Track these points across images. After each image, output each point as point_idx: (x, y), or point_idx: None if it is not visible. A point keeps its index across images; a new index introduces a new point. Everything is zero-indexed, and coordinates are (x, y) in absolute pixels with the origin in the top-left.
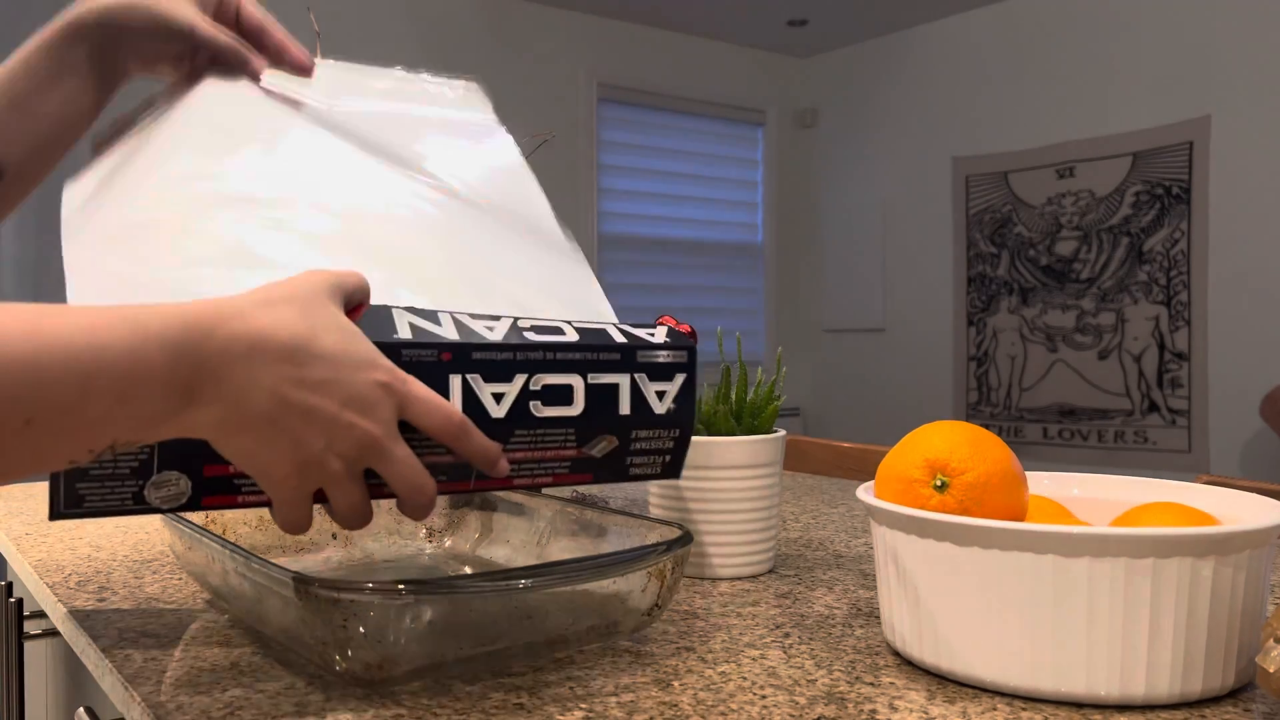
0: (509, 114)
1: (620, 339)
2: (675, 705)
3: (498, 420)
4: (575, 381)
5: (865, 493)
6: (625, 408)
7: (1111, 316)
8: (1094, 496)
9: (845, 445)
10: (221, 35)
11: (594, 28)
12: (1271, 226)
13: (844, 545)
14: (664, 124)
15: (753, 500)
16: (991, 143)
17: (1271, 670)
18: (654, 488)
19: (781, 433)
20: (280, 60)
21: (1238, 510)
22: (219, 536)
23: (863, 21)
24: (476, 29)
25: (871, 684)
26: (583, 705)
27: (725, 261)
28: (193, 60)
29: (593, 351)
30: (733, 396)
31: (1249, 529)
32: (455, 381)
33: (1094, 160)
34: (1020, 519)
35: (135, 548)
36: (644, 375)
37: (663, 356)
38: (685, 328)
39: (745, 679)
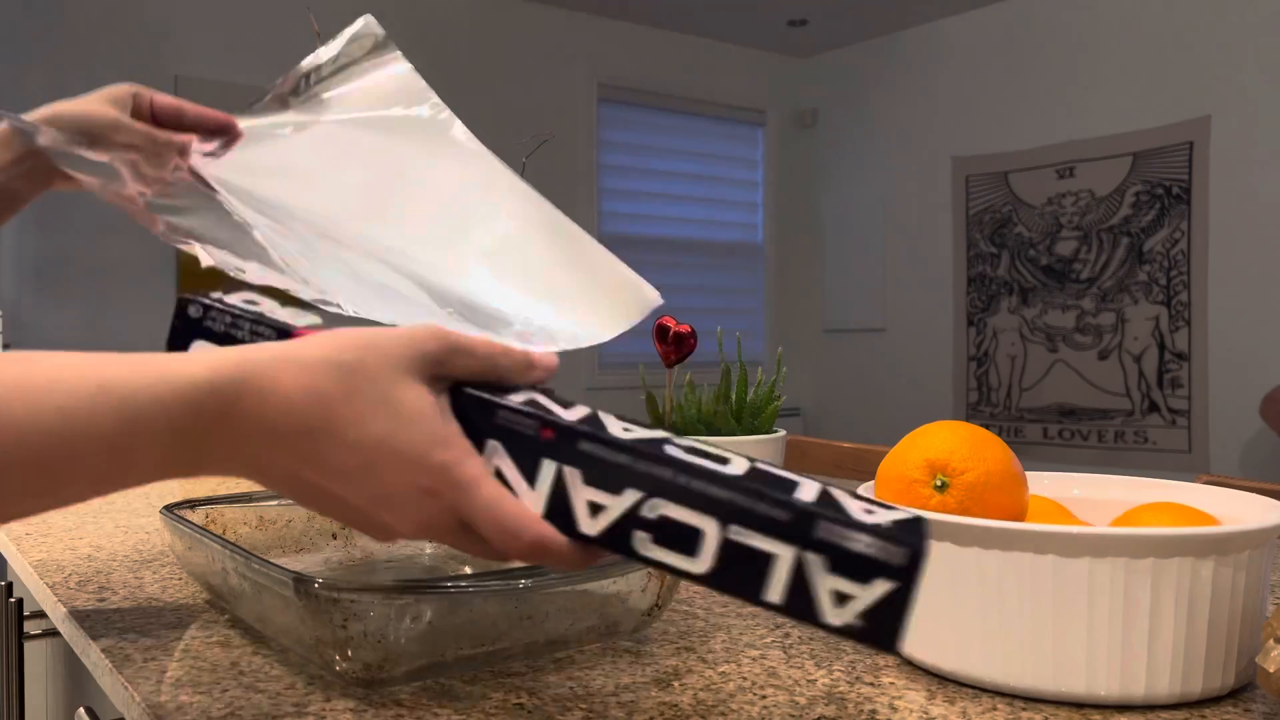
0: (509, 114)
1: (807, 498)
2: (675, 705)
3: (586, 537)
4: (709, 527)
5: (866, 493)
6: (776, 594)
7: (1111, 316)
8: (1094, 496)
9: (845, 445)
10: (142, 128)
11: (594, 28)
12: (1271, 226)
13: None
14: (664, 124)
15: None
16: (991, 143)
17: (1271, 670)
18: None
19: (781, 433)
20: (205, 130)
21: (1238, 510)
22: (219, 536)
23: (863, 21)
24: (476, 29)
25: (871, 684)
26: (583, 705)
27: (725, 261)
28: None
29: (751, 496)
30: (733, 396)
31: (1249, 529)
32: (547, 469)
33: (1094, 160)
34: (1020, 519)
35: (135, 548)
36: (821, 560)
37: (861, 544)
38: (685, 328)
39: (745, 679)
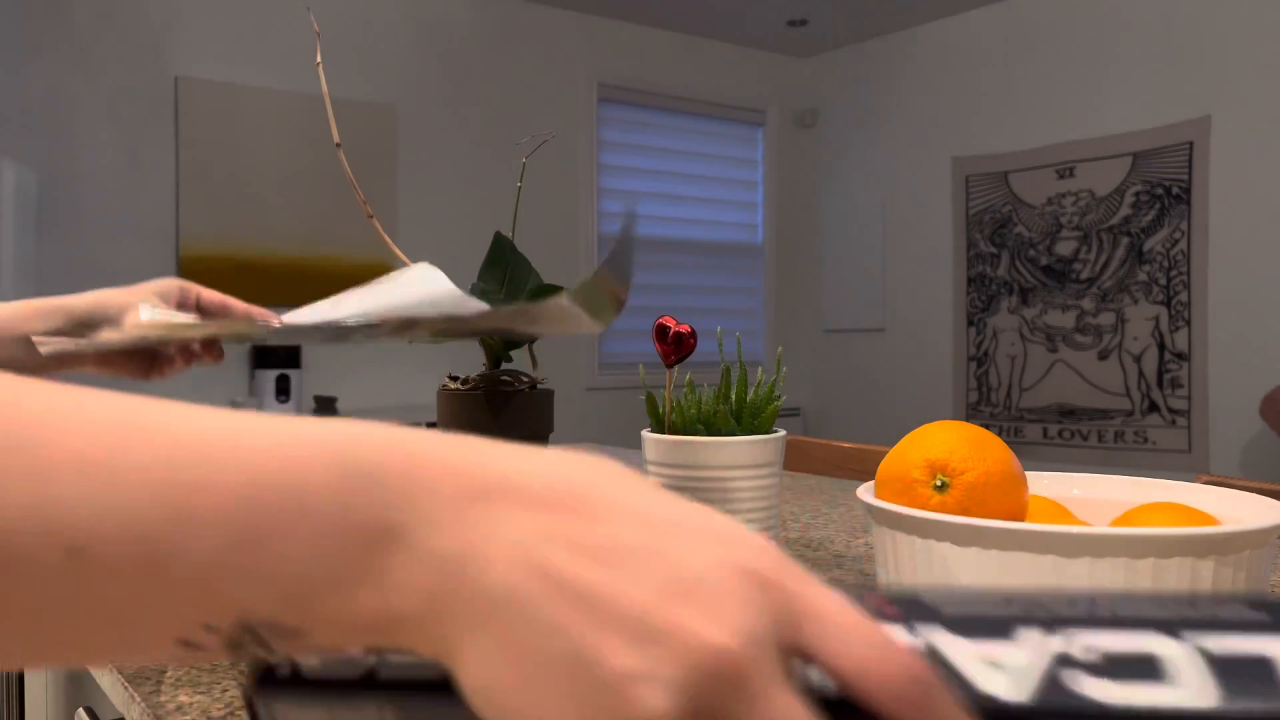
0: (509, 114)
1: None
2: None
3: (1010, 711)
4: (1165, 648)
5: (865, 493)
6: None
7: (1111, 316)
8: (1094, 496)
9: (846, 445)
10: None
11: (594, 28)
12: (1271, 226)
13: (844, 545)
14: (664, 124)
15: (753, 500)
16: (991, 143)
17: None
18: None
19: (781, 433)
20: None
21: (1238, 510)
22: None
23: (863, 21)
24: (477, 29)
25: None
26: None
27: (725, 261)
28: (153, 357)
29: (1185, 604)
30: (733, 396)
31: (1249, 529)
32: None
33: (1094, 160)
34: (1020, 519)
35: None
36: None
37: None
38: (685, 328)
39: None
